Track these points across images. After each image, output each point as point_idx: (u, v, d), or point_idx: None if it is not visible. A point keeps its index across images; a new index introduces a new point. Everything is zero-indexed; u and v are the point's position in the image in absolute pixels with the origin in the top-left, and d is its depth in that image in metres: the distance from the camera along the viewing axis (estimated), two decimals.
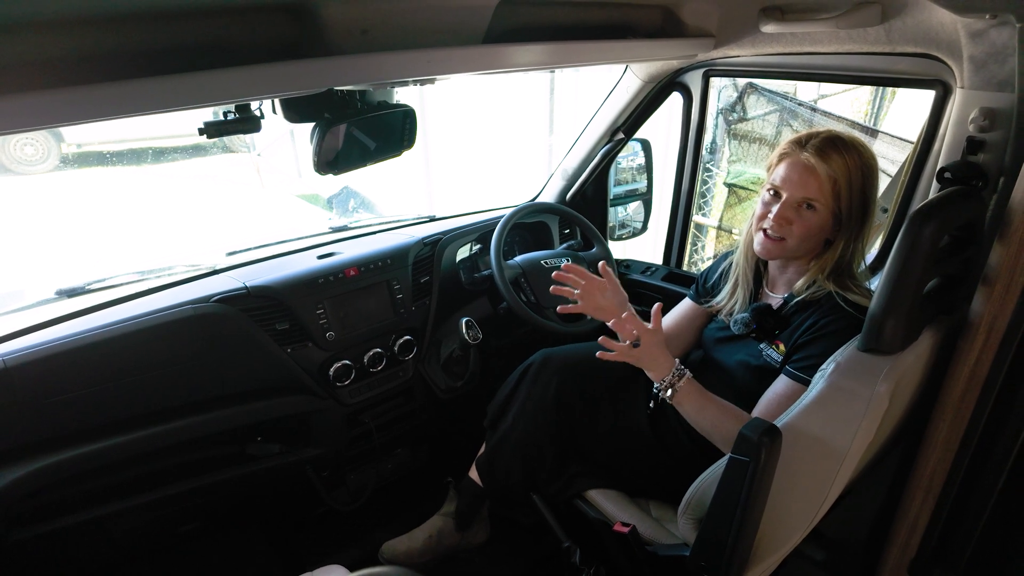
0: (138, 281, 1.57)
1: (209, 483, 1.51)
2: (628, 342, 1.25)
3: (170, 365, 1.42)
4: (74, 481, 1.35)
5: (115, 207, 4.80)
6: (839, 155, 1.15)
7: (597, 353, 1.27)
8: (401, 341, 1.73)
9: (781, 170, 1.20)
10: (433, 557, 1.60)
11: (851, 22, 1.23)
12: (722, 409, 1.23)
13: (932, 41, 1.20)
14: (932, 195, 1.26)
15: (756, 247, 1.26)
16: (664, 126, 3.54)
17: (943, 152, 1.25)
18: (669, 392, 1.25)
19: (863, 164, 1.16)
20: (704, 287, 1.49)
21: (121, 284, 1.55)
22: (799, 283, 1.24)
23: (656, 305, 1.30)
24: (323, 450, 1.67)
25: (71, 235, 4.31)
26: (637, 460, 1.39)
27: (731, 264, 1.40)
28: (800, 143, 1.19)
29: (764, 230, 1.23)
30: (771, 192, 1.23)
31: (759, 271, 1.37)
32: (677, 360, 1.26)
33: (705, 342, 1.44)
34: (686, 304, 1.53)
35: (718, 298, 1.41)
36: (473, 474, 1.58)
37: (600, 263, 1.40)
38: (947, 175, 1.14)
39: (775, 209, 1.20)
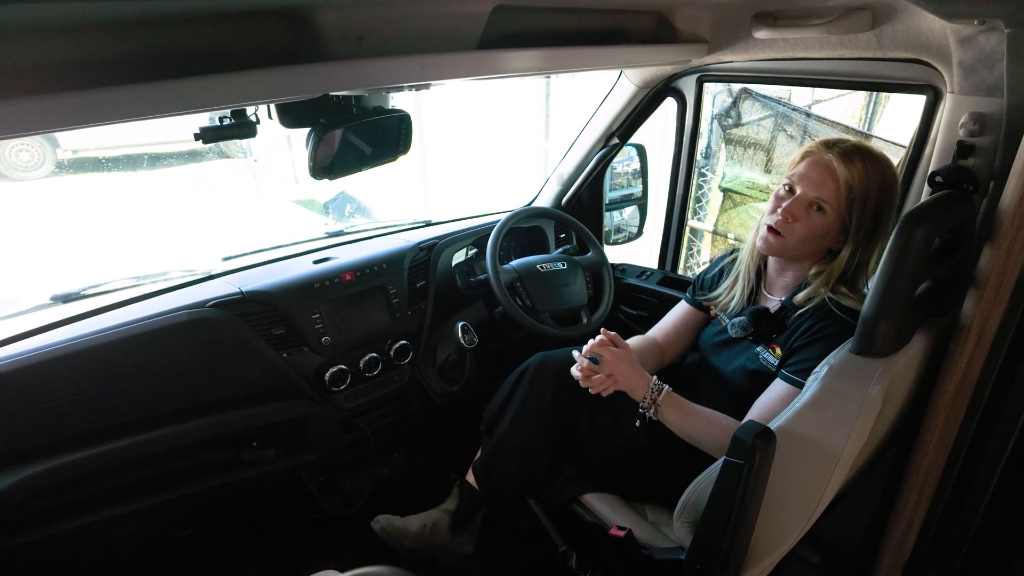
0: (134, 286, 1.57)
1: (205, 488, 1.51)
2: (587, 358, 1.31)
3: (166, 370, 1.42)
4: (69, 487, 1.34)
5: (111, 213, 4.79)
6: (863, 163, 1.15)
7: (580, 384, 1.33)
8: (397, 346, 1.73)
9: (801, 167, 1.21)
10: (421, 548, 1.57)
11: (842, 28, 1.25)
12: (707, 418, 1.24)
13: (922, 47, 1.21)
14: (924, 199, 1.28)
15: (758, 242, 1.27)
16: (660, 131, 3.56)
17: (934, 156, 1.26)
18: (652, 409, 1.27)
19: (884, 179, 1.16)
20: (701, 289, 1.49)
21: (117, 289, 1.55)
22: (800, 295, 1.24)
23: (602, 331, 1.35)
24: (319, 455, 1.67)
25: (66, 240, 4.30)
26: (633, 464, 1.39)
27: (733, 261, 1.41)
28: (827, 144, 1.19)
29: (769, 225, 1.23)
30: (786, 187, 1.23)
31: (760, 271, 1.38)
32: (654, 377, 1.29)
33: (702, 347, 1.45)
34: (682, 307, 1.54)
35: (716, 291, 1.42)
36: (470, 478, 1.58)
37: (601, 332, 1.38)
38: (938, 179, 1.15)
39: (785, 204, 1.20)
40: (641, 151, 2.15)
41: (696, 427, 1.24)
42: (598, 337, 1.34)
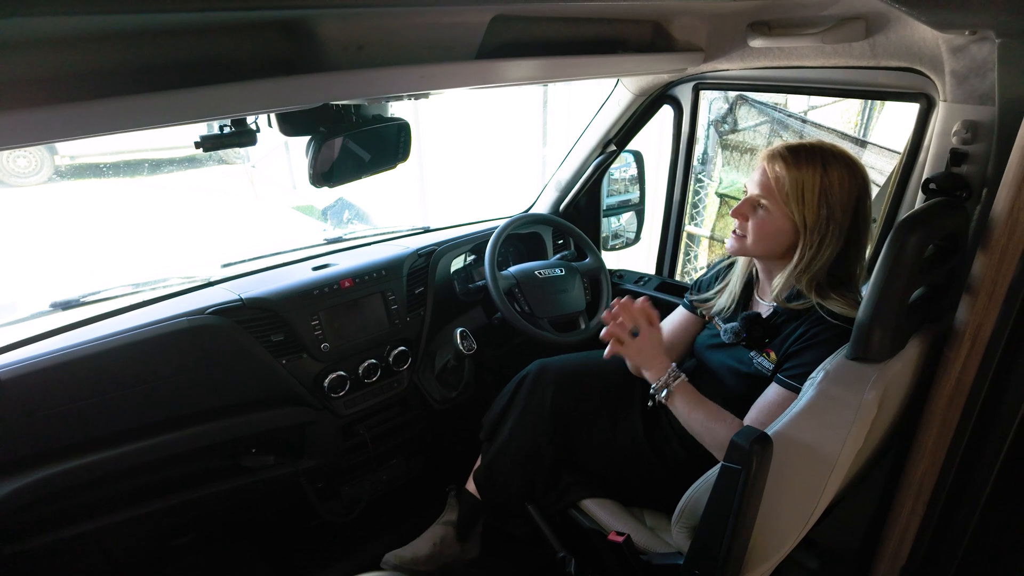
0: (133, 293, 1.58)
1: (203, 495, 1.51)
2: (628, 329, 1.34)
3: (165, 377, 1.42)
4: (68, 494, 1.34)
5: (109, 219, 4.79)
6: (797, 162, 1.17)
7: (604, 353, 1.36)
8: (396, 352, 1.73)
9: (755, 172, 1.26)
10: (437, 566, 1.59)
11: (836, 37, 1.26)
12: (714, 414, 1.25)
13: (915, 56, 1.22)
14: (917, 206, 1.29)
15: (726, 243, 1.31)
16: (656, 137, 3.58)
17: (928, 163, 1.27)
18: (664, 392, 1.29)
19: (824, 173, 1.16)
20: (698, 292, 1.51)
21: (116, 296, 1.55)
22: (775, 288, 1.27)
23: (642, 299, 1.37)
24: (318, 461, 1.67)
25: (65, 247, 4.30)
26: (631, 469, 1.40)
27: (730, 266, 1.42)
28: (773, 148, 1.23)
29: (733, 228, 1.28)
30: (744, 191, 1.28)
31: (750, 279, 1.39)
32: (673, 364, 1.31)
33: (697, 350, 1.46)
34: (680, 313, 1.55)
35: (708, 294, 1.44)
36: (471, 487, 1.58)
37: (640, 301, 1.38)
38: (932, 186, 1.17)
39: (735, 205, 1.26)
40: (638, 157, 2.16)
41: (702, 420, 1.25)
42: (643, 300, 1.35)
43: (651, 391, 1.32)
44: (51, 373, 1.29)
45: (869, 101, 4.19)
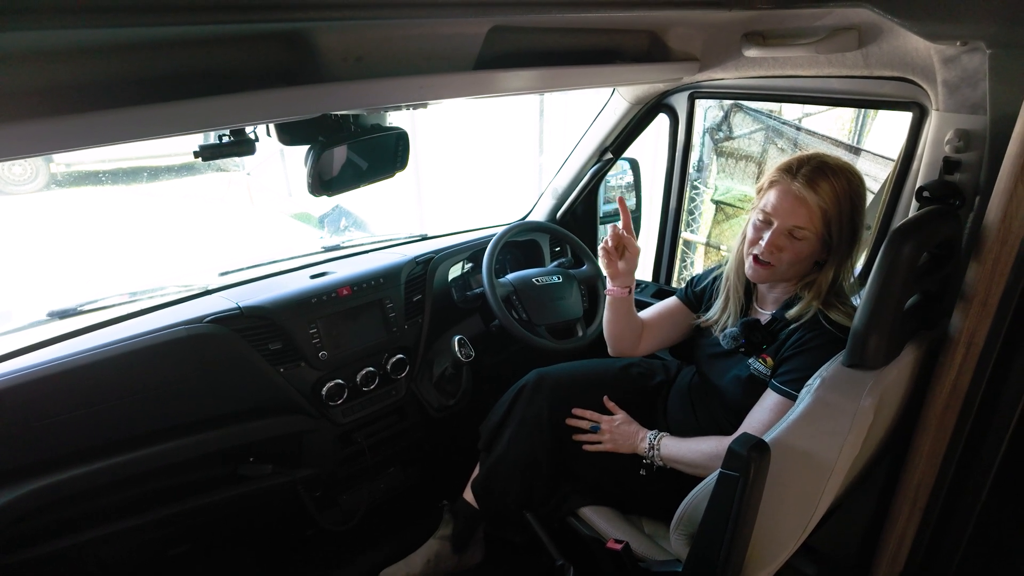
0: (130, 302, 1.57)
1: (201, 504, 1.50)
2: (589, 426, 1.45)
3: (163, 386, 1.41)
4: (65, 504, 1.33)
5: (106, 227, 4.78)
6: (828, 184, 1.17)
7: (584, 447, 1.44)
8: (394, 360, 1.73)
9: (772, 198, 1.22)
10: None
11: (830, 47, 1.28)
12: (698, 442, 1.30)
13: (907, 65, 1.24)
14: (911, 213, 1.30)
15: (747, 271, 1.29)
16: (652, 144, 3.60)
17: (921, 171, 1.29)
18: (655, 455, 1.36)
19: (852, 190, 1.18)
20: (693, 291, 1.51)
21: (113, 305, 1.55)
22: (793, 311, 1.26)
23: (604, 399, 1.49)
24: (315, 470, 1.66)
25: (62, 256, 4.28)
26: (629, 477, 1.40)
27: (722, 278, 1.42)
28: (791, 171, 1.20)
29: (755, 255, 1.25)
30: (762, 219, 1.24)
31: (749, 288, 1.40)
32: (649, 433, 1.38)
33: (698, 361, 1.46)
34: (672, 301, 1.56)
35: (710, 313, 1.44)
36: (468, 496, 1.58)
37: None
38: (925, 194, 1.18)
39: (766, 236, 1.22)
40: (634, 165, 2.17)
41: (693, 456, 1.29)
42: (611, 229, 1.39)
43: (645, 461, 1.38)
44: (48, 383, 1.28)
45: (862, 109, 4.24)
